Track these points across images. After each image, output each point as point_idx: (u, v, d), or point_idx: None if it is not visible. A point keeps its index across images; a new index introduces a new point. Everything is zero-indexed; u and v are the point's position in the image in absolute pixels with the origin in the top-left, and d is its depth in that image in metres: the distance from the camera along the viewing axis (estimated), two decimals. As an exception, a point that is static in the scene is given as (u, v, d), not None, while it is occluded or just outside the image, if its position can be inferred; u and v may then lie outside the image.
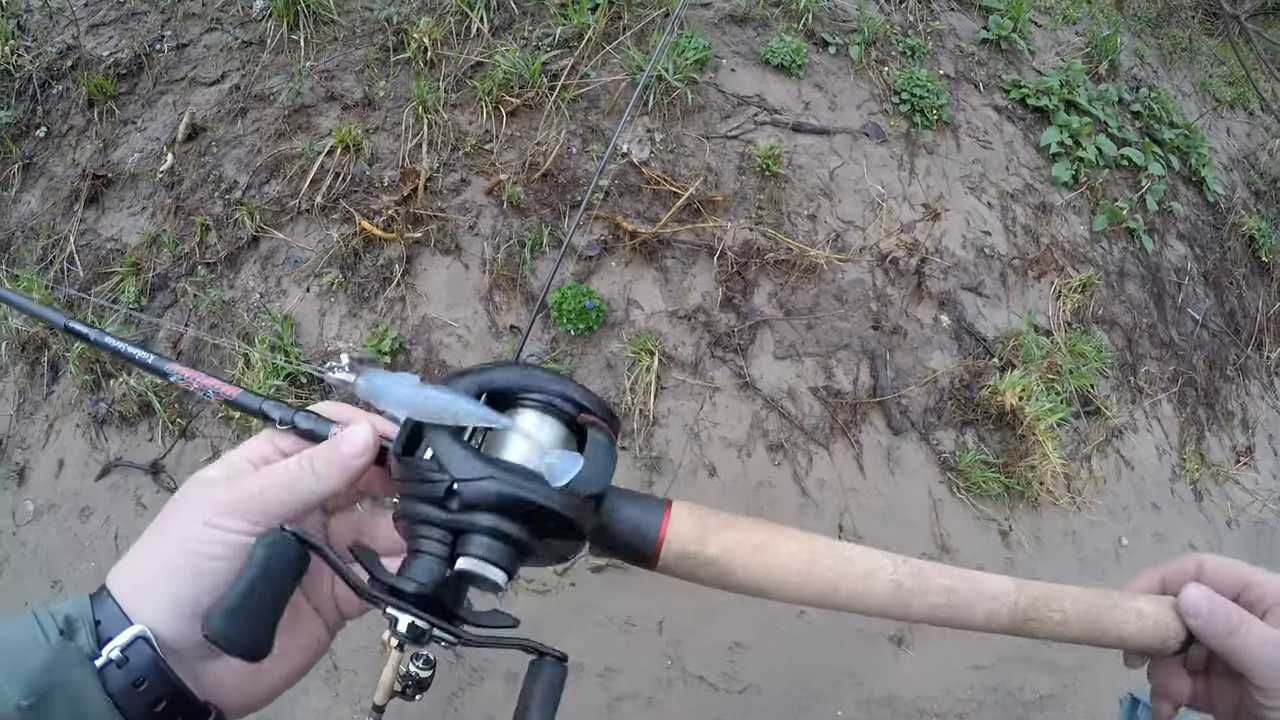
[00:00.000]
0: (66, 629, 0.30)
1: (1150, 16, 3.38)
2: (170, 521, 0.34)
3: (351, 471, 0.36)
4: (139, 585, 0.32)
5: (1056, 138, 2.54)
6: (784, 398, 1.97)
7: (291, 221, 2.07)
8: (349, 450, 0.36)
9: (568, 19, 2.17)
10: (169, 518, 0.34)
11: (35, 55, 2.47)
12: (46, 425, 2.14)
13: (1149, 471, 2.36)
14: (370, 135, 2.11)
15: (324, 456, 0.36)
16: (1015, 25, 2.69)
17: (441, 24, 2.20)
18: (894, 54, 2.48)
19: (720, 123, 2.18)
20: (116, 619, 0.31)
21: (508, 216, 2.03)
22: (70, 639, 0.30)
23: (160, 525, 0.34)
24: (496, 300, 1.98)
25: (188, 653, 0.32)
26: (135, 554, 0.34)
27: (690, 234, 2.03)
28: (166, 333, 2.10)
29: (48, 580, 2.00)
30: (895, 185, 2.27)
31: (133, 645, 0.31)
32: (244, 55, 2.32)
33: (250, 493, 0.34)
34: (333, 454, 0.36)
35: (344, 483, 0.35)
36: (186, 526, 0.33)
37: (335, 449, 0.36)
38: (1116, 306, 2.48)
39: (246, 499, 0.34)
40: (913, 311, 2.16)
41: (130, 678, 0.30)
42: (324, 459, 0.35)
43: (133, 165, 2.29)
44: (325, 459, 0.35)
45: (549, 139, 2.06)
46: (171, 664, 0.32)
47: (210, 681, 0.33)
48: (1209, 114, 3.19)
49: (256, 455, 0.37)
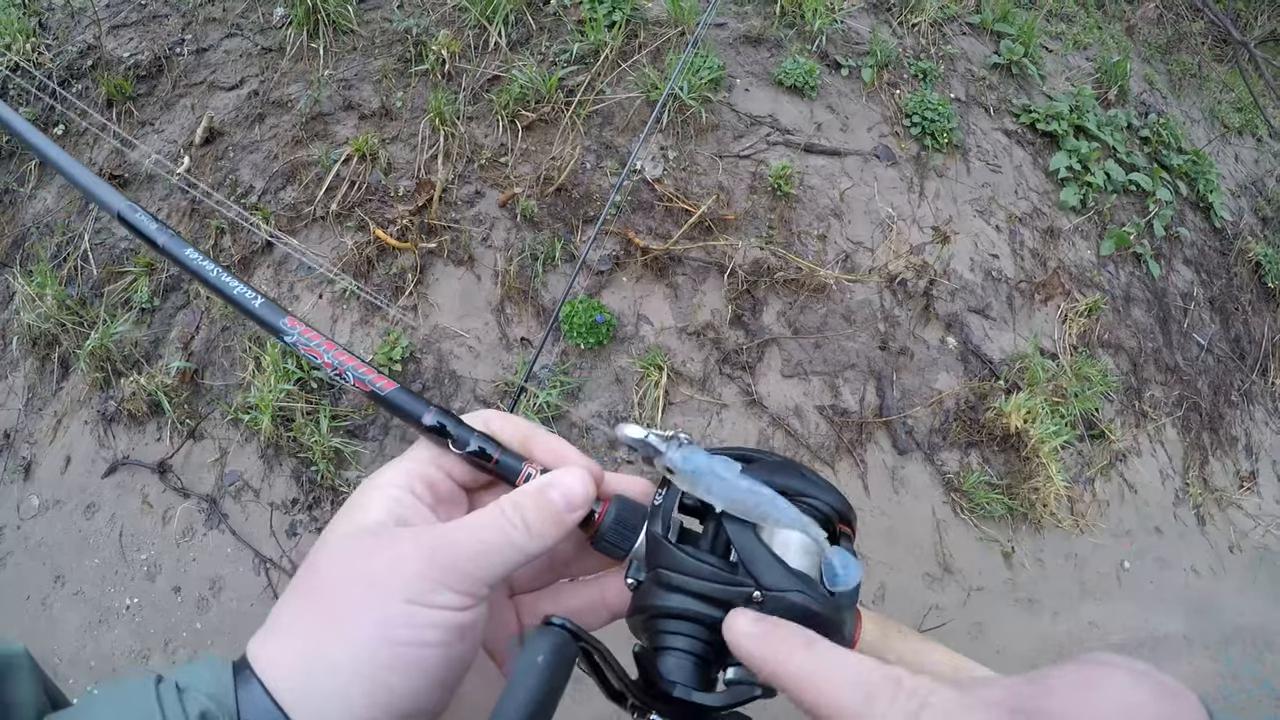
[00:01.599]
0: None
1: (1160, 43, 3.41)
2: (350, 592, 0.26)
3: (567, 529, 0.29)
4: (313, 677, 0.25)
5: (1065, 162, 2.55)
6: (790, 416, 1.98)
7: (306, 228, 2.09)
8: (566, 503, 0.29)
9: (585, 36, 2.19)
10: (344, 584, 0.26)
11: (56, 54, 2.50)
12: (55, 421, 2.15)
13: (1152, 495, 2.37)
14: (387, 145, 2.13)
15: (534, 508, 0.29)
16: (1026, 50, 2.71)
17: (460, 37, 2.23)
18: (906, 77, 2.51)
19: (733, 142, 2.20)
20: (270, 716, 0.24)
21: (521, 229, 2.04)
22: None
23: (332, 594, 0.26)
24: (508, 312, 1.99)
25: None
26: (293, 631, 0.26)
27: (701, 251, 2.04)
28: (177, 333, 2.11)
29: (51, 575, 2.00)
30: (905, 207, 2.29)
31: None
32: (263, 61, 2.35)
33: (456, 556, 0.27)
34: (546, 505, 0.29)
35: (556, 542, 0.29)
36: (381, 607, 0.25)
37: (548, 499, 0.29)
38: (1122, 331, 2.49)
39: (452, 563, 0.26)
40: (920, 333, 2.17)
41: None
42: (535, 511, 0.28)
43: (150, 166, 2.31)
44: (538, 513, 0.28)
45: (564, 154, 2.08)
46: None
47: None
48: (1217, 140, 3.21)
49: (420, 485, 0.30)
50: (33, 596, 1.99)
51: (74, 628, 1.92)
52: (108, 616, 1.94)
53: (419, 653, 0.25)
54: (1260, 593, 2.38)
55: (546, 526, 0.28)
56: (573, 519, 0.29)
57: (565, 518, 0.29)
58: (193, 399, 2.03)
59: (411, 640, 0.25)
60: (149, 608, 1.93)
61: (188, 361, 2.05)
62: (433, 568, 0.26)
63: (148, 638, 1.89)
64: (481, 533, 0.28)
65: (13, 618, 1.96)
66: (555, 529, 0.29)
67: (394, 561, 0.26)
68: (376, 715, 0.25)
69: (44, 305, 2.13)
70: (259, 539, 1.91)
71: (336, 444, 1.87)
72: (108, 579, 1.98)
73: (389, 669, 0.25)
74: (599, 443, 1.87)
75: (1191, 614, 2.21)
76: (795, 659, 0.24)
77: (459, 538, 0.28)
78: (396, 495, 0.29)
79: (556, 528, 0.29)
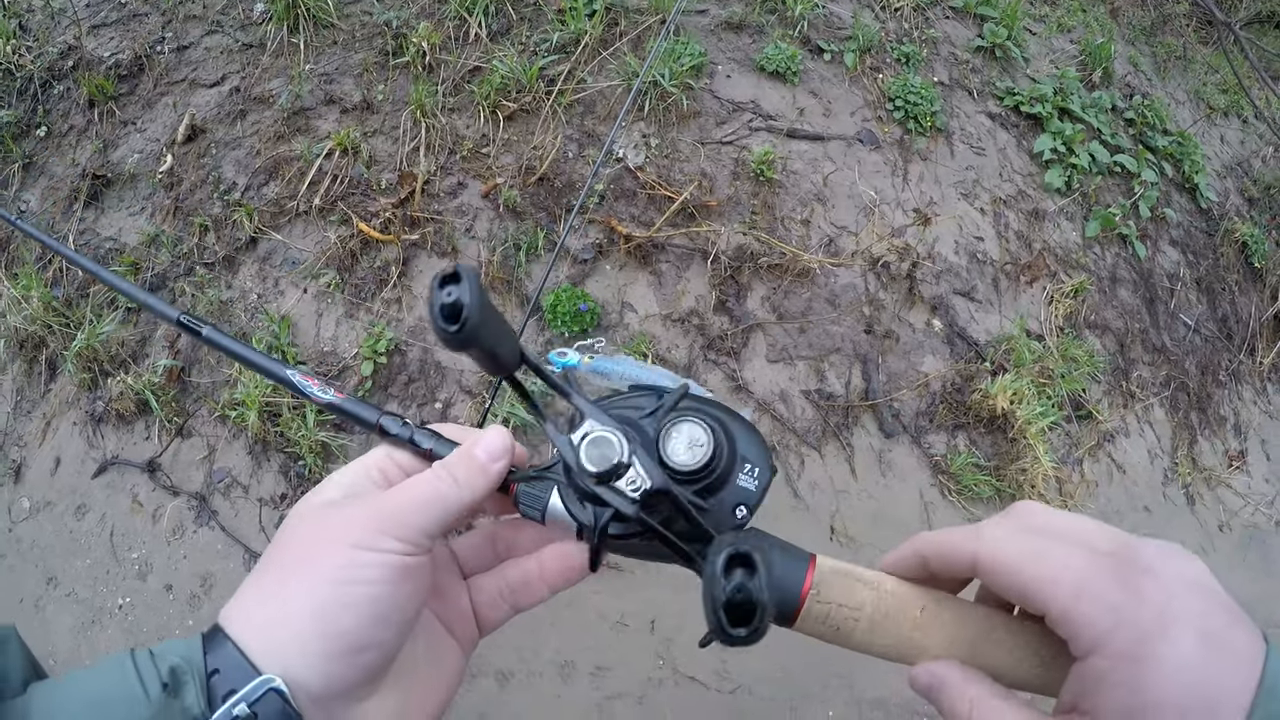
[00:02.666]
0: (170, 681, 0.26)
1: (1145, 25, 3.41)
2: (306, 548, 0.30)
3: (492, 478, 0.33)
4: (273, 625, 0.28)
5: (1050, 144, 2.56)
6: (776, 400, 1.98)
7: (290, 223, 2.09)
8: (487, 455, 0.33)
9: (565, 24, 2.19)
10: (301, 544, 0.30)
11: (37, 55, 2.49)
12: (44, 423, 2.15)
13: (1141, 475, 2.38)
14: (369, 138, 2.13)
15: (461, 464, 0.33)
16: (1010, 33, 2.71)
17: (440, 29, 2.22)
18: (889, 61, 2.50)
19: (715, 128, 2.20)
20: (240, 666, 0.27)
21: (504, 219, 2.04)
22: (174, 696, 0.26)
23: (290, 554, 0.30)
24: (492, 302, 1.99)
25: (333, 701, 0.28)
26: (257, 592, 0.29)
27: (684, 238, 2.05)
28: (163, 331, 2.11)
29: (43, 577, 2.01)
30: (889, 191, 2.29)
31: (262, 699, 0.26)
32: (244, 58, 2.34)
33: (397, 508, 0.30)
34: (470, 460, 0.33)
35: (486, 490, 0.33)
36: (334, 553, 0.29)
37: (471, 456, 0.33)
38: (1109, 312, 2.50)
39: (393, 515, 0.30)
40: (905, 316, 2.17)
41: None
42: (462, 467, 0.33)
43: (132, 166, 2.31)
44: (464, 466, 0.33)
45: (545, 143, 2.08)
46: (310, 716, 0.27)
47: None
48: (1202, 121, 3.21)
49: (375, 471, 0.34)
50: (25, 599, 1.99)
51: (67, 629, 1.93)
52: (100, 617, 1.94)
53: (365, 590, 0.28)
54: (1250, 571, 2.39)
55: (473, 477, 0.32)
56: (495, 469, 0.33)
57: (489, 468, 0.33)
58: (180, 397, 2.03)
59: (357, 579, 0.28)
60: (141, 607, 1.93)
61: (174, 360, 2.05)
62: (375, 520, 0.30)
63: (141, 637, 1.90)
64: (417, 489, 0.32)
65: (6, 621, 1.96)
66: (481, 479, 0.33)
67: (343, 521, 0.30)
68: (330, 649, 0.28)
69: (30, 307, 2.13)
70: (249, 535, 1.91)
71: (323, 438, 1.87)
72: (99, 579, 1.98)
73: (340, 606, 0.28)
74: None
75: (1181, 591, 2.21)
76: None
77: (398, 495, 0.32)
78: (352, 479, 0.33)
79: (482, 478, 0.33)
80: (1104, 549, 0.28)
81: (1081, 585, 0.27)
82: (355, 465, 0.34)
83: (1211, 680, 0.25)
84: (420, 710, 0.32)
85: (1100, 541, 0.29)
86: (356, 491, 0.32)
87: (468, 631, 0.36)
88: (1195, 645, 0.25)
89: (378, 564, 0.29)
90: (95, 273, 0.51)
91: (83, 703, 0.25)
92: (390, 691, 0.31)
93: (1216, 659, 0.25)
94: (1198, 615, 0.26)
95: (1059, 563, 0.28)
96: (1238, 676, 0.25)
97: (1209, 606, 0.26)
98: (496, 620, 0.37)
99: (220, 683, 0.27)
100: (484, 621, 0.37)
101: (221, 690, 0.26)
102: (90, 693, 0.26)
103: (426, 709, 0.33)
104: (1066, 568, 0.28)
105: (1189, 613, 0.26)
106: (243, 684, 0.26)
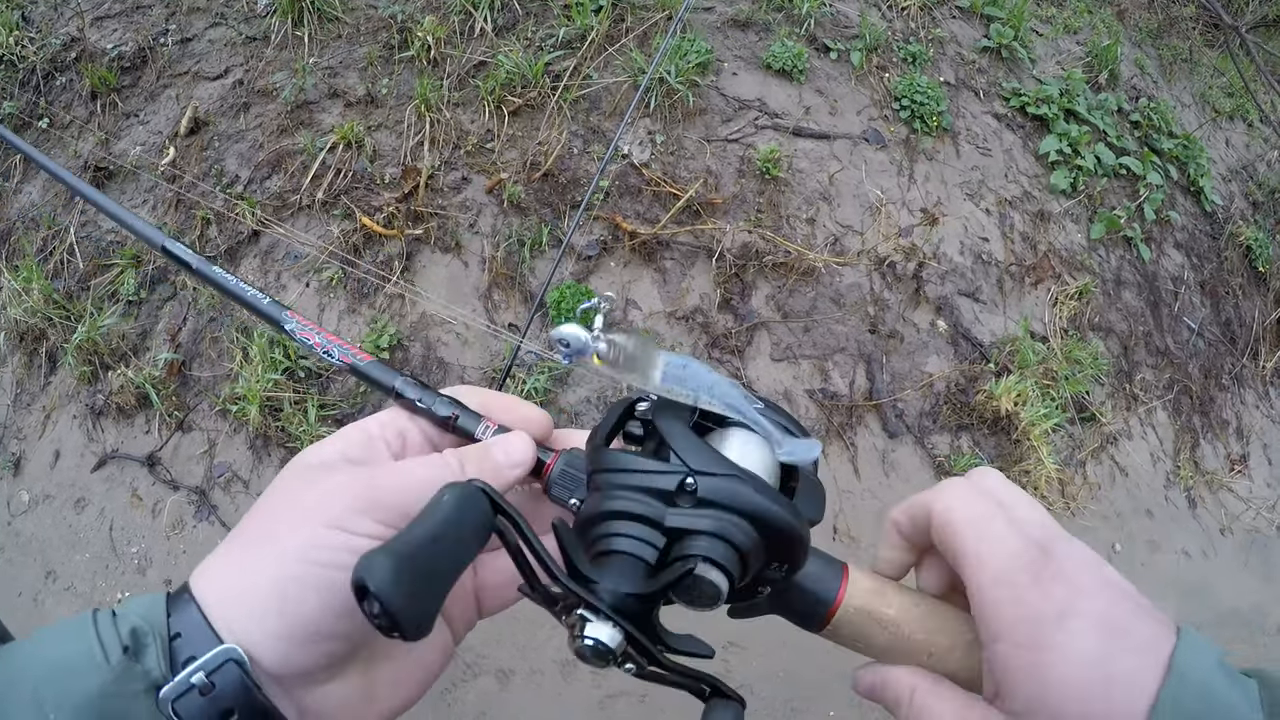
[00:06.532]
0: (131, 644, 0.25)
1: (1151, 27, 3.40)
2: (280, 517, 0.28)
3: (505, 483, 0.30)
4: (238, 595, 0.26)
5: (1056, 146, 2.55)
6: (780, 399, 1.98)
7: (292, 217, 2.08)
8: (506, 459, 0.30)
9: (571, 20, 2.18)
10: (278, 510, 0.28)
11: (39, 46, 2.48)
12: (43, 416, 2.14)
13: (1143, 478, 2.37)
14: (372, 132, 2.12)
15: (476, 461, 0.30)
16: (1016, 34, 2.70)
17: (446, 23, 2.21)
18: (895, 60, 2.50)
19: (721, 126, 2.20)
20: (202, 633, 0.26)
21: (508, 215, 2.03)
22: (135, 659, 0.25)
23: (266, 520, 0.28)
24: (495, 298, 1.98)
25: (292, 680, 0.27)
26: (231, 553, 0.28)
27: (689, 235, 2.04)
28: (164, 324, 2.10)
29: (42, 570, 2.00)
30: (894, 190, 2.29)
31: (221, 669, 0.25)
32: (248, 50, 2.33)
33: (384, 489, 0.28)
34: (487, 461, 0.30)
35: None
36: (305, 529, 0.27)
37: (490, 455, 0.30)
38: (1113, 314, 2.49)
39: (380, 495, 0.28)
40: (909, 316, 2.17)
41: (215, 708, 0.25)
42: (476, 464, 0.30)
43: (134, 158, 2.29)
44: (478, 465, 0.30)
45: (550, 139, 2.07)
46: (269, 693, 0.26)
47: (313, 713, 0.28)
48: (1208, 125, 3.20)
49: (390, 432, 0.31)
50: (24, 593, 1.98)
51: (65, 622, 1.92)
52: (99, 610, 1.93)
53: (335, 575, 0.26)
54: (1252, 575, 2.39)
55: (484, 476, 0.29)
56: (512, 475, 0.31)
57: (505, 472, 0.30)
58: (181, 391, 2.02)
59: (329, 562, 0.26)
60: (140, 600, 1.92)
61: (175, 353, 2.04)
62: (358, 499, 0.27)
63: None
64: (416, 471, 0.29)
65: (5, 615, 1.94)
66: (493, 480, 0.29)
67: (326, 492, 0.28)
68: (291, 629, 0.26)
69: (30, 300, 2.12)
70: (249, 529, 1.90)
71: (324, 433, 1.86)
72: (99, 573, 1.97)
73: (306, 586, 0.26)
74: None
75: (1183, 596, 2.21)
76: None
77: (393, 474, 0.29)
78: (358, 438, 0.30)
79: (494, 480, 0.29)
80: (1034, 536, 0.29)
81: (1002, 572, 0.28)
82: (361, 424, 0.31)
83: (1112, 667, 0.25)
84: (391, 695, 0.30)
85: (1034, 528, 0.29)
86: (355, 456, 0.30)
87: (464, 614, 0.33)
88: (1095, 635, 0.26)
89: (348, 547, 0.26)
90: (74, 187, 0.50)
91: (45, 666, 0.24)
92: (356, 675, 0.29)
93: (1118, 647, 0.26)
94: (1100, 609, 0.27)
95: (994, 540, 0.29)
96: (1142, 665, 0.25)
97: (1114, 600, 0.27)
98: (502, 604, 0.34)
99: (182, 646, 0.25)
100: (487, 604, 0.34)
101: (182, 656, 0.25)
102: (51, 657, 0.25)
103: (399, 694, 0.30)
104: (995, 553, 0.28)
105: (1091, 608, 0.27)
106: (203, 651, 0.25)
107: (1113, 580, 0.28)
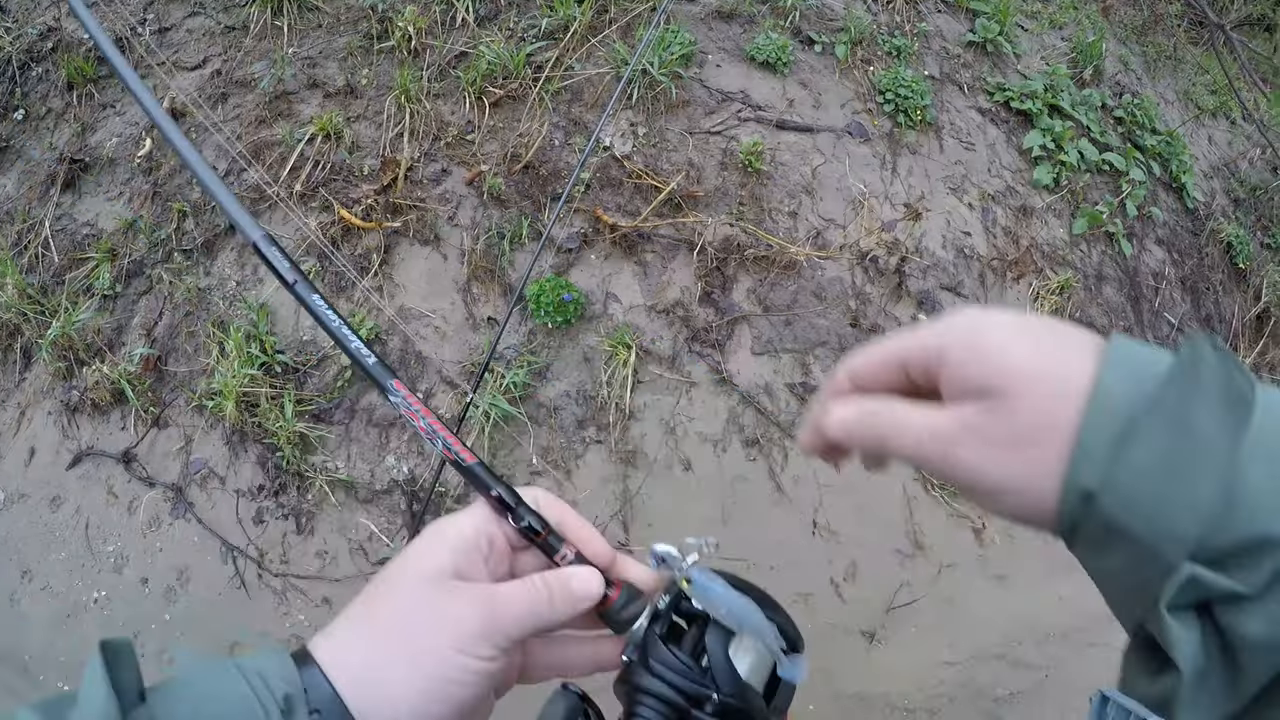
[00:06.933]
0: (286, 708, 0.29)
1: (1136, 24, 3.42)
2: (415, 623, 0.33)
3: (579, 613, 0.36)
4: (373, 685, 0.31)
5: (1039, 141, 2.55)
6: (761, 393, 1.97)
7: (270, 209, 2.05)
8: (583, 594, 0.36)
9: (554, 11, 2.16)
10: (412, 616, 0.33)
11: (15, 37, 2.44)
12: (18, 413, 2.11)
13: (1124, 473, 2.39)
14: (351, 123, 2.09)
15: (560, 591, 0.35)
16: (1002, 29, 2.70)
17: (427, 13, 2.19)
18: (880, 54, 2.49)
19: (704, 118, 2.19)
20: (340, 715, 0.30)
21: (488, 207, 2.02)
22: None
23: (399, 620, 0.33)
24: (474, 291, 1.97)
25: None
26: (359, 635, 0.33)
27: (670, 229, 2.03)
28: (140, 319, 2.08)
29: (18, 570, 1.97)
30: (877, 184, 2.29)
31: None
32: (226, 40, 2.30)
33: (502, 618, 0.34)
34: (568, 592, 0.36)
35: (568, 621, 0.36)
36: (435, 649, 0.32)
37: (570, 588, 0.36)
38: (1094, 309, 2.51)
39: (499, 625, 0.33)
40: (891, 310, 2.17)
41: None
42: (561, 594, 0.35)
43: (111, 150, 2.26)
44: (562, 595, 0.35)
45: (531, 131, 2.06)
46: None
47: None
48: (1191, 122, 3.22)
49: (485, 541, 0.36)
50: (0, 593, 1.96)
51: (43, 623, 1.89)
52: (76, 611, 1.91)
53: (459, 691, 0.32)
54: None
55: (565, 606, 0.35)
56: (583, 606, 0.37)
57: (580, 604, 0.36)
58: (156, 386, 2.00)
59: (457, 680, 0.32)
60: (117, 600, 1.90)
61: (151, 348, 2.01)
62: (483, 626, 0.33)
63: (117, 631, 1.87)
64: (520, 603, 0.35)
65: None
66: (571, 610, 0.36)
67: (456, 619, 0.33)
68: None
69: (5, 294, 2.09)
70: (226, 527, 1.88)
71: (301, 429, 1.84)
72: (75, 572, 1.95)
73: (434, 700, 0.32)
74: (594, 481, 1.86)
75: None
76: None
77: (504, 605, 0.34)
78: (462, 546, 0.35)
79: (572, 609, 0.36)
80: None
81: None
82: (465, 527, 0.36)
83: (1053, 351, 0.27)
84: None
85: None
86: (462, 569, 0.34)
87: (507, 682, 0.39)
88: (1029, 332, 0.28)
89: (476, 671, 0.32)
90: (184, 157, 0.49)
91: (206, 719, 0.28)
92: None
93: (1053, 339, 0.28)
94: (1035, 323, 0.29)
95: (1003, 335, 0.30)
96: (1080, 354, 0.27)
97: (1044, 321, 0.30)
98: (538, 679, 0.39)
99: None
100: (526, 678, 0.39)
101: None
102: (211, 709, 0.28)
103: None
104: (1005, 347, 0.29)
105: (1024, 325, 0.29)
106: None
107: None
